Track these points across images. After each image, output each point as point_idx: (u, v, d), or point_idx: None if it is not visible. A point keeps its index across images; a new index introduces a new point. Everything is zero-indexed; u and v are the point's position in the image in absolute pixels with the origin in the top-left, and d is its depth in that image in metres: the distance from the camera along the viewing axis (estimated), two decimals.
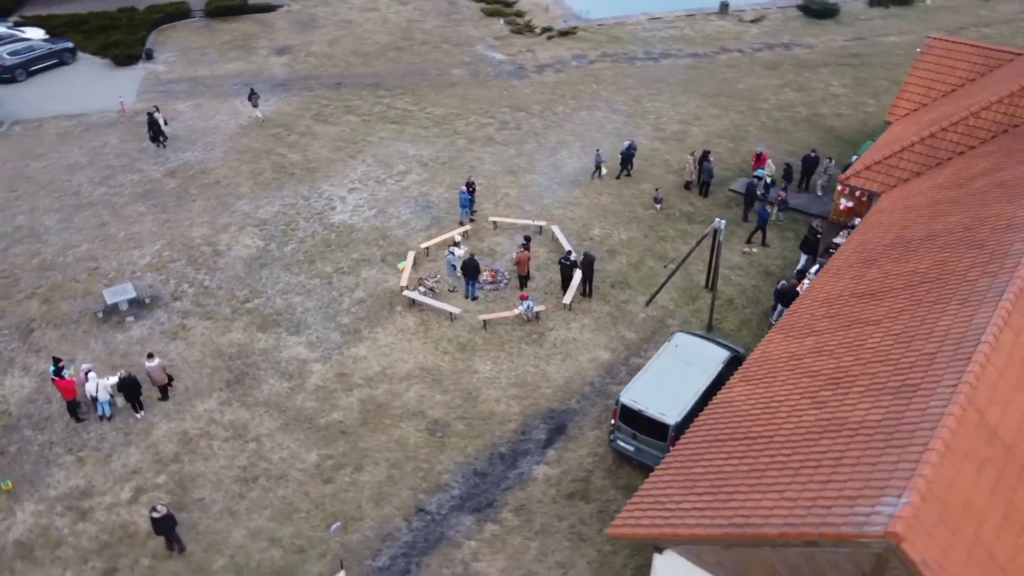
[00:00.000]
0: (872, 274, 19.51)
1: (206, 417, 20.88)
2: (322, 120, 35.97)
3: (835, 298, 19.27)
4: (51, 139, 34.39)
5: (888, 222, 22.43)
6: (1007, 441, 12.94)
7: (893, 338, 15.84)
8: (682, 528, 13.83)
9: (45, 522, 18.17)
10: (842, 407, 14.56)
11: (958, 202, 21.18)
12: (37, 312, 24.52)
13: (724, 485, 14.39)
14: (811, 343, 17.65)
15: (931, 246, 19.20)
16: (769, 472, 14.06)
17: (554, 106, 37.19)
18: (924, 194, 23.32)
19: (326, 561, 17.38)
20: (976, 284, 15.98)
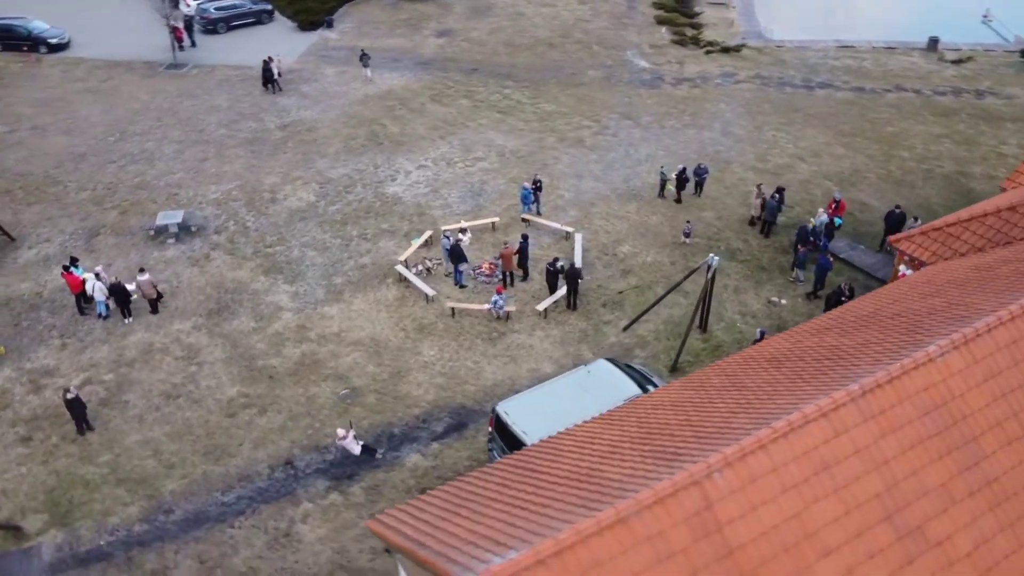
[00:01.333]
0: (806, 341, 16.95)
1: (174, 335, 23.15)
2: (437, 100, 37.45)
3: (753, 357, 17.02)
4: (211, 84, 39.22)
5: (889, 294, 19.19)
6: (731, 543, 10.89)
7: (724, 407, 13.82)
8: (406, 540, 13.24)
9: (7, 386, 21.35)
10: (614, 462, 13.04)
11: (962, 284, 17.65)
12: (111, 221, 28.46)
13: (478, 513, 13.50)
14: (681, 396, 15.82)
15: (880, 325, 16.27)
16: (518, 511, 13.00)
17: (666, 120, 35.58)
18: (957, 271, 19.58)
19: (184, 483, 18.71)
20: (832, 372, 13.52)
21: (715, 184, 30.42)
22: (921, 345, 13.44)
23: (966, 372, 13.35)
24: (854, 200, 29.47)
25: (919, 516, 11.65)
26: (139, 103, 37.09)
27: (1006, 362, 13.64)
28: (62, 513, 17.98)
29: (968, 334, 13.51)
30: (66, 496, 18.36)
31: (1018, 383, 13.54)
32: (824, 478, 11.83)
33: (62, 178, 31.03)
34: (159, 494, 18.42)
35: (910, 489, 12.14)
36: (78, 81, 39.47)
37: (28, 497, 18.34)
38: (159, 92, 38.16)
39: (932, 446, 12.61)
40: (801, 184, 30.56)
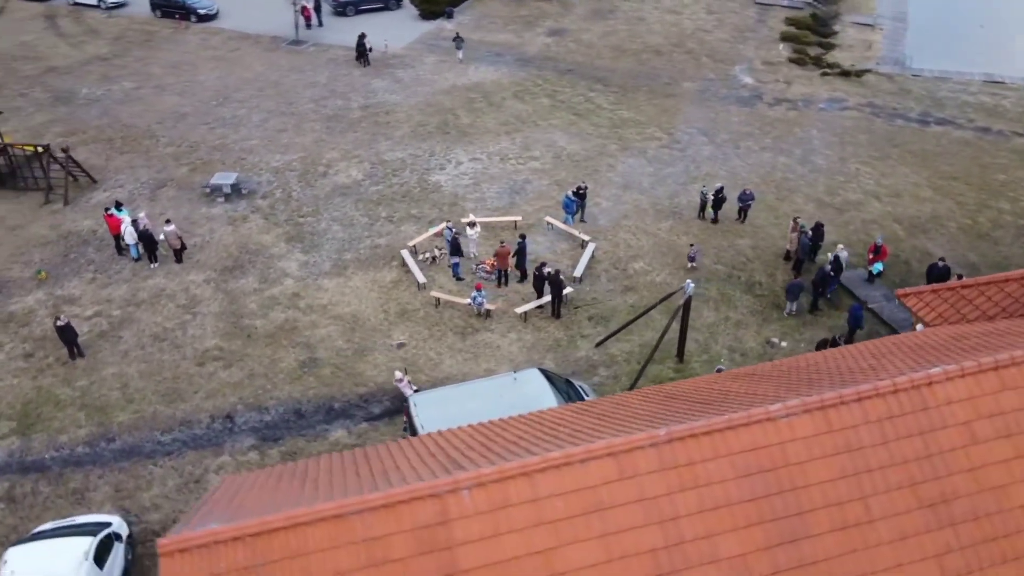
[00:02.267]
0: (715, 384, 15.74)
1: (185, 285, 25.02)
2: (519, 97, 37.61)
3: (660, 391, 16.06)
4: (320, 62, 41.59)
5: (849, 351, 17.32)
6: (459, 564, 10.44)
7: (562, 431, 13.21)
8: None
9: (34, 307, 24.02)
10: (414, 464, 12.83)
11: (917, 350, 15.61)
12: (180, 176, 31.07)
13: (268, 489, 13.53)
14: (553, 415, 15.19)
15: (791, 378, 14.80)
16: (292, 492, 13.04)
17: (744, 140, 33.71)
18: (943, 334, 17.32)
19: (134, 417, 20.29)
20: (687, 415, 12.58)
21: (766, 212, 28.53)
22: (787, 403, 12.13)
23: (813, 440, 11.94)
24: (918, 249, 26.64)
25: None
26: (251, 73, 40.02)
27: (870, 438, 12.08)
28: (27, 424, 20.08)
29: (828, 399, 12.07)
30: (36, 410, 20.47)
31: (878, 463, 11.93)
32: (593, 520, 11.05)
33: (158, 133, 34.19)
34: (109, 423, 20.10)
35: (696, 553, 11.08)
36: (210, 49, 43.16)
37: (8, 405, 20.62)
38: (272, 65, 40.97)
39: (742, 512, 11.42)
40: (864, 224, 27.97)
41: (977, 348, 14.75)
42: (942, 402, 12.37)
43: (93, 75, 39.74)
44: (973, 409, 12.43)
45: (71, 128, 34.48)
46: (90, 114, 35.78)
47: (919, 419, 12.25)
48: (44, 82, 39.01)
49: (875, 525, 11.14)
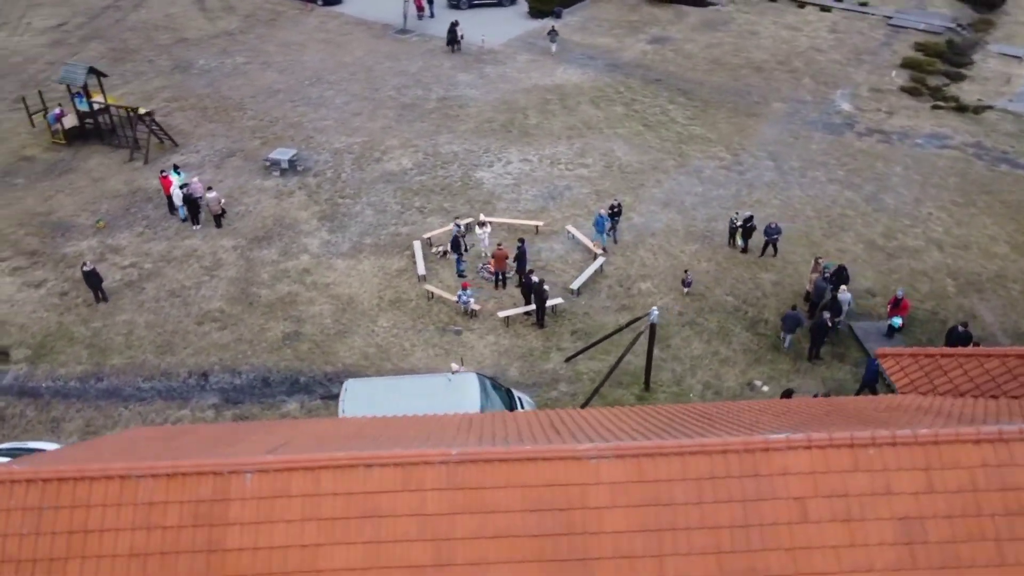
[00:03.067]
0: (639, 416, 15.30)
1: (215, 249, 26.94)
2: (594, 102, 37.26)
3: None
4: (417, 52, 42.99)
5: (764, 409, 16.21)
6: (226, 543, 10.93)
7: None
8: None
9: (85, 252, 26.70)
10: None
11: (822, 416, 14.42)
12: (249, 148, 33.31)
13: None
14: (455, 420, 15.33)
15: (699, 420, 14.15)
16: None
17: (813, 170, 31.75)
18: (884, 404, 15.85)
19: (127, 362, 22.23)
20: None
21: (805, 248, 26.83)
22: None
23: (619, 487, 11.45)
24: (964, 309, 24.19)
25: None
26: (351, 58, 42.05)
27: (684, 496, 11.43)
28: (40, 354, 22.50)
29: (646, 447, 11.55)
30: (51, 343, 22.88)
31: (686, 523, 11.28)
32: (367, 525, 11.17)
33: (247, 106, 36.76)
34: (103, 364, 22.15)
35: (464, 575, 11.00)
36: (324, 32, 45.70)
37: (31, 335, 23.19)
38: (373, 51, 42.82)
39: (522, 545, 11.16)
40: (911, 274, 25.69)
41: (881, 422, 13.50)
42: (776, 471, 11.45)
43: (214, 48, 43.17)
44: (812, 485, 11.43)
45: (176, 95, 37.73)
46: (198, 84, 38.95)
47: (744, 485, 11.41)
48: (172, 51, 42.83)
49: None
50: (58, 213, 28.74)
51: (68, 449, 13.70)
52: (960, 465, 10.89)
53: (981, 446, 11.20)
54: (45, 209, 28.99)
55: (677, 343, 22.83)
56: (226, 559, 10.66)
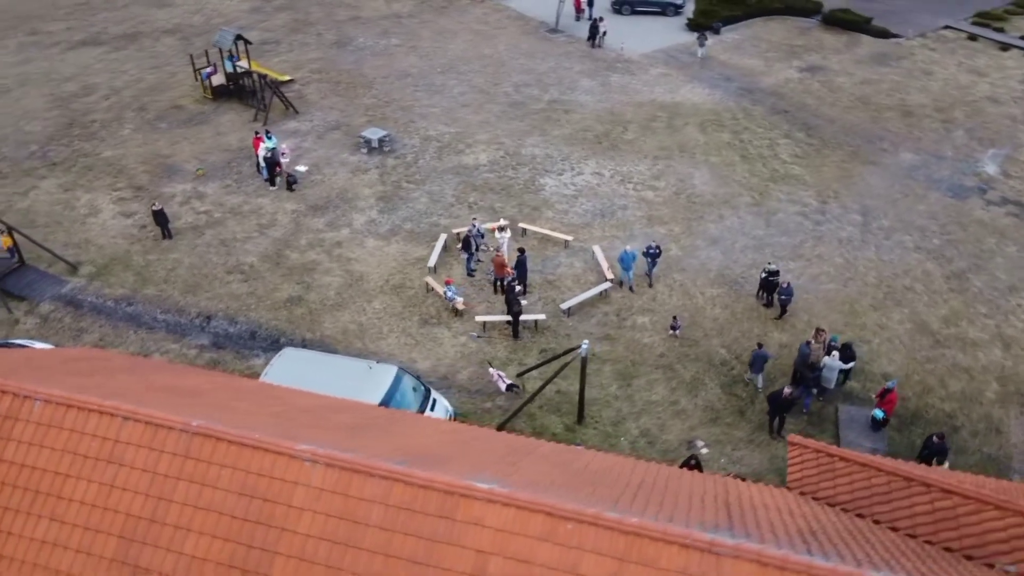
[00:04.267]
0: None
1: (277, 209, 29.69)
2: (701, 127, 35.88)
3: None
4: (556, 52, 43.58)
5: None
6: None
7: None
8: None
9: (176, 194, 30.60)
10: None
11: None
12: (354, 124, 35.84)
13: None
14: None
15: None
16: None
17: (904, 233, 28.63)
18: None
19: (156, 293, 25.48)
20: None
21: (843, 316, 24.56)
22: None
23: (322, 493, 12.00)
24: (992, 419, 21.06)
25: None
26: (491, 51, 43.57)
27: (377, 518, 11.81)
28: (99, 273, 26.38)
29: (357, 464, 12.03)
30: (112, 266, 26.73)
31: (370, 544, 11.62)
32: (107, 468, 12.52)
33: (375, 86, 39.54)
34: (139, 291, 25.56)
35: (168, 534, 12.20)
36: (481, 23, 47.61)
37: (103, 256, 27.20)
38: (514, 47, 44.04)
39: (223, 522, 12.02)
40: (951, 368, 22.69)
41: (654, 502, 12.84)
42: (470, 520, 11.42)
43: (377, 29, 46.56)
44: (499, 543, 11.33)
45: (322, 67, 41.37)
46: (346, 60, 42.39)
47: (436, 524, 11.46)
48: (341, 27, 46.79)
49: None
50: (175, 157, 33.03)
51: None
52: (656, 565, 10.35)
53: (688, 552, 10.54)
54: (168, 152, 33.44)
55: (640, 384, 22.03)
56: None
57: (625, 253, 24.94)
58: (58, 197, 30.31)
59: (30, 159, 32.78)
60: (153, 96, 38.22)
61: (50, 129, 35.19)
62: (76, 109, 37.01)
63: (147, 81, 39.89)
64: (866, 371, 22.48)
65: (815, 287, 25.64)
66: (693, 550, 10.37)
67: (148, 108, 37.12)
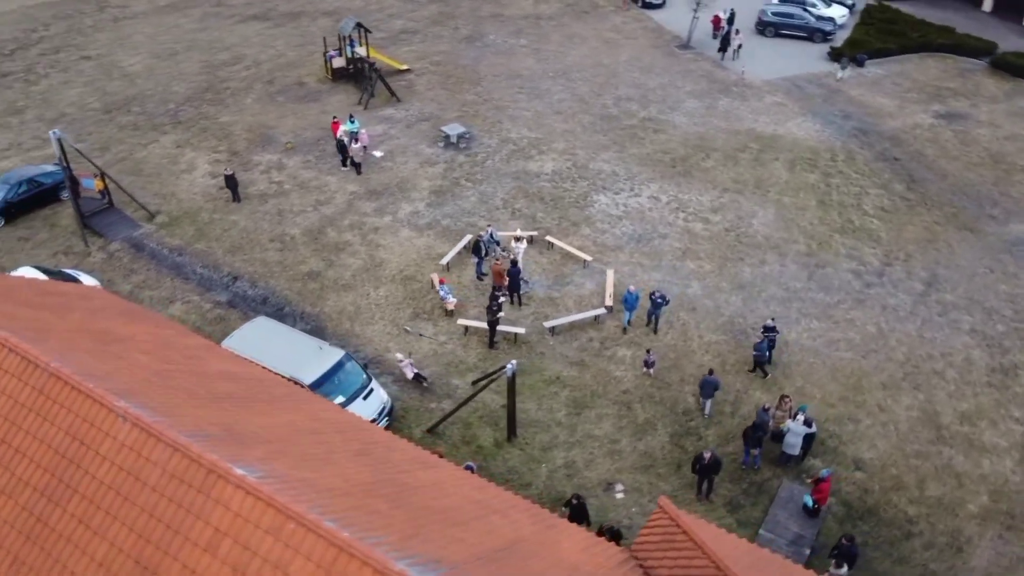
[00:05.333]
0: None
1: (337, 188, 31.71)
2: (790, 164, 33.84)
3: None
4: (677, 69, 42.52)
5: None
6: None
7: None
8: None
9: (260, 162, 33.62)
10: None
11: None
12: (444, 118, 37.10)
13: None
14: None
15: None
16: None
17: (965, 313, 25.71)
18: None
19: (203, 249, 28.39)
20: None
21: (839, 386, 22.64)
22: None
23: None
24: (959, 532, 18.75)
25: None
26: (611, 60, 43.39)
27: None
28: (169, 224, 29.69)
29: None
30: (182, 219, 29.94)
31: None
32: None
33: (482, 83, 40.76)
34: (192, 244, 28.52)
35: None
36: (616, 32, 47.45)
37: (179, 209, 30.56)
38: (636, 59, 43.55)
39: None
40: (940, 470, 20.36)
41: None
42: None
43: (512, 28, 47.77)
44: None
45: (443, 60, 43.22)
46: (467, 55, 43.97)
47: None
48: (479, 23, 48.48)
49: None
50: (276, 129, 36.19)
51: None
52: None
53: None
54: (273, 123, 36.68)
55: (589, 416, 21.67)
56: None
57: (629, 293, 24.17)
58: (168, 152, 34.31)
59: (163, 116, 37.26)
60: (285, 71, 41.86)
61: (189, 91, 39.69)
62: (219, 76, 41.39)
63: (287, 57, 43.69)
64: (839, 452, 20.62)
65: (828, 352, 23.70)
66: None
67: (276, 82, 40.75)
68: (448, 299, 24.97)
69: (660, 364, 23.25)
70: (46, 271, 24.80)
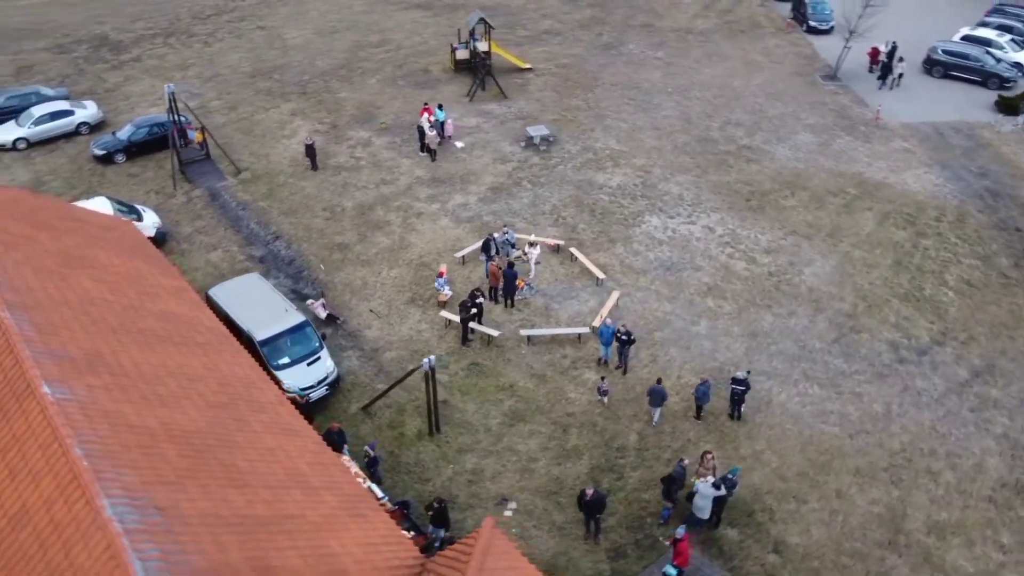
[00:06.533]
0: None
1: (407, 171, 33.04)
2: (883, 217, 30.52)
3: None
4: (806, 98, 39.50)
5: None
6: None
7: None
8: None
9: (352, 136, 35.82)
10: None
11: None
12: (542, 118, 37.46)
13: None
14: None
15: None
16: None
17: (1002, 414, 22.13)
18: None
19: (266, 207, 30.93)
20: None
21: (806, 462, 20.48)
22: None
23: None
24: None
25: None
26: (742, 83, 41.26)
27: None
28: (251, 181, 32.58)
29: None
30: (263, 178, 32.74)
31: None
32: None
33: (596, 91, 40.33)
34: (257, 202, 31.07)
35: None
36: (764, 54, 44.98)
37: (264, 169, 33.42)
38: (771, 84, 41.10)
39: None
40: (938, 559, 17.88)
41: None
42: None
43: (656, 40, 46.75)
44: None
45: (568, 64, 43.30)
46: (596, 61, 43.70)
47: None
48: (625, 33, 47.90)
49: None
50: (381, 109, 38.27)
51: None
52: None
53: None
54: (381, 104, 38.79)
55: (521, 430, 21.24)
56: None
57: (606, 327, 23.09)
58: (281, 118, 37.51)
59: (293, 86, 40.70)
60: (418, 58, 44.04)
61: (327, 67, 42.97)
62: (359, 56, 44.40)
63: (428, 45, 45.90)
64: (763, 528, 18.64)
65: (811, 422, 21.39)
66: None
67: (405, 67, 43.02)
68: (442, 291, 25.37)
69: (623, 396, 22.19)
70: (117, 202, 28.27)
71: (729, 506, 18.76)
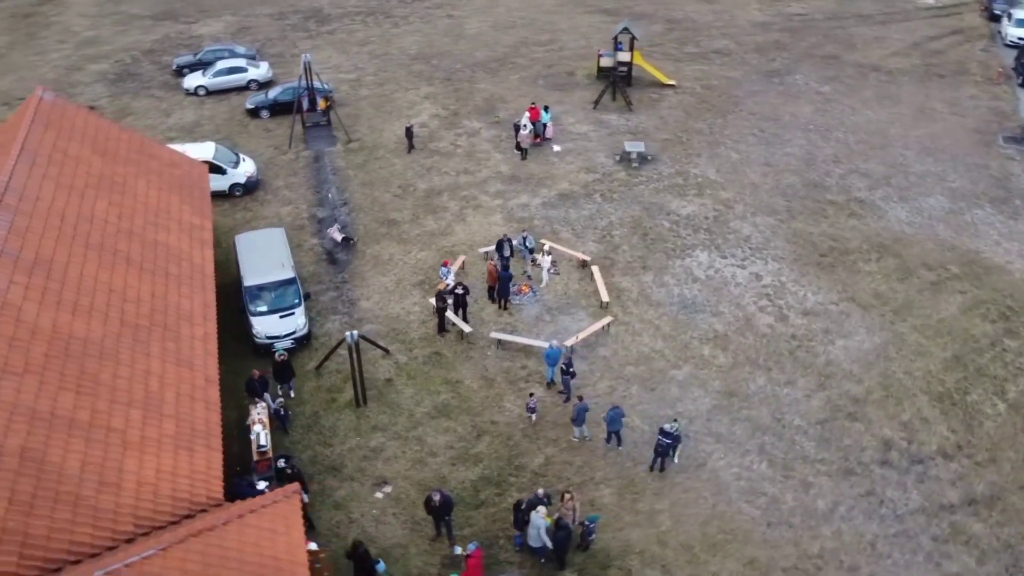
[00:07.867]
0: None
1: (492, 164, 33.88)
2: (970, 304, 26.37)
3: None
4: (976, 159, 34.69)
5: None
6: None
7: None
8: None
9: (468, 122, 37.41)
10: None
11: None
12: (653, 135, 36.51)
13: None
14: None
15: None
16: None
17: (968, 559, 18.74)
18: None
19: (351, 172, 33.58)
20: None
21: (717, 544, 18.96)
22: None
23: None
24: None
25: None
26: (900, 132, 36.96)
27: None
28: (358, 150, 35.39)
29: None
30: (367, 148, 35.43)
31: None
32: None
33: (727, 115, 38.16)
34: (346, 170, 33.72)
35: None
36: (946, 103, 39.78)
37: (372, 143, 36.10)
38: (935, 138, 36.42)
39: None
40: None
41: None
42: None
43: (830, 73, 42.87)
44: None
45: (715, 87, 41.24)
46: (748, 88, 41.17)
47: None
48: (799, 63, 44.18)
49: None
50: (506, 104, 39.30)
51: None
52: None
53: None
54: (508, 99, 39.73)
55: (440, 424, 21.58)
56: None
57: (552, 349, 22.45)
58: (413, 100, 40.06)
59: (442, 72, 43.04)
60: (570, 61, 44.58)
61: (482, 59, 44.86)
62: (519, 52, 45.69)
63: (590, 50, 45.88)
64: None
65: (735, 499, 19.50)
66: None
67: (554, 67, 43.79)
68: (445, 279, 26.19)
69: (555, 420, 21.74)
70: (223, 148, 32.38)
71: (589, 554, 17.89)
